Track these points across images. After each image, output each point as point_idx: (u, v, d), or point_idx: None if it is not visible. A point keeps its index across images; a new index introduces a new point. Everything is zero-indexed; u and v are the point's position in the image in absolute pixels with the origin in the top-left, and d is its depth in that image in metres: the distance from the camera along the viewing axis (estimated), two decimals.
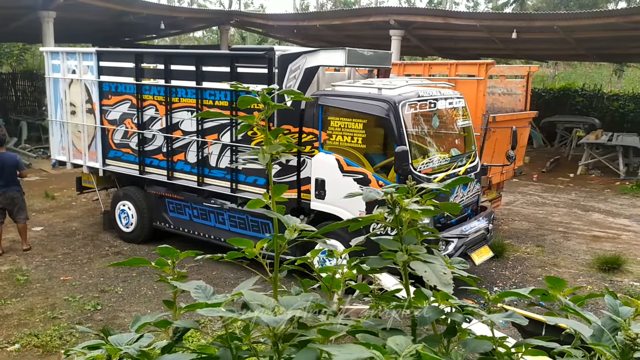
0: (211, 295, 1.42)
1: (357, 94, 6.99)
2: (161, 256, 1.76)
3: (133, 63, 8.57)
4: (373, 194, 1.27)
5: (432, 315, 1.15)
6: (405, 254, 1.20)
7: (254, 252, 1.73)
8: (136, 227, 9.11)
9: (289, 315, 1.01)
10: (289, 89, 7.04)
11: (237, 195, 7.82)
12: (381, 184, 6.75)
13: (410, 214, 1.27)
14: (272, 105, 1.65)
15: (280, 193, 1.74)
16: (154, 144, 8.60)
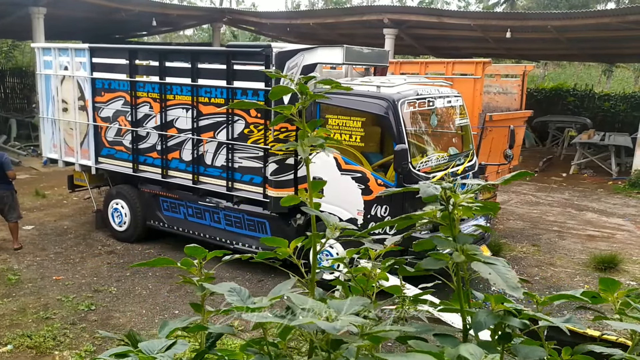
0: (247, 298, 1.33)
1: (355, 92, 6.92)
2: (188, 256, 1.67)
3: (127, 59, 8.45)
4: (431, 189, 1.20)
5: (488, 320, 1.08)
6: (461, 254, 1.12)
7: (287, 252, 1.64)
8: (129, 226, 8.99)
9: (347, 321, 0.94)
10: None
11: (233, 194, 7.73)
12: (380, 183, 6.69)
13: (463, 211, 1.20)
14: (311, 95, 1.56)
15: (318, 189, 1.65)
16: (148, 142, 8.49)
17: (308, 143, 1.54)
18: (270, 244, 1.70)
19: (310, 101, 1.60)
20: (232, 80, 7.45)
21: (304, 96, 1.57)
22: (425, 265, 1.21)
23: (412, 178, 6.48)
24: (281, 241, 1.68)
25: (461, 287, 1.19)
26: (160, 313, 6.62)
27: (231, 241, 7.94)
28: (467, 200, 1.20)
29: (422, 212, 1.24)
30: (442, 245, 1.19)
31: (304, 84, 1.57)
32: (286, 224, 7.45)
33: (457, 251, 1.13)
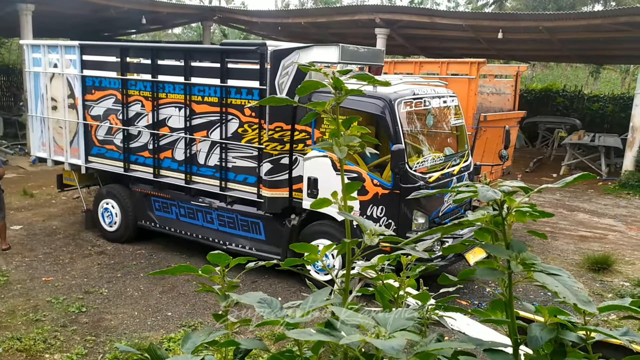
0: (279, 309, 1.24)
1: None
2: (210, 263, 1.58)
3: (118, 57, 8.32)
4: (491, 193, 1.13)
5: (544, 335, 1.02)
6: (518, 264, 1.06)
7: (316, 259, 1.56)
8: (120, 226, 8.86)
9: (403, 339, 0.86)
10: (281, 85, 6.89)
11: (227, 194, 7.63)
12: (376, 183, 6.63)
13: (516, 217, 1.13)
14: (347, 91, 1.49)
15: (352, 191, 1.57)
16: (139, 141, 8.36)
17: (344, 142, 1.46)
18: (300, 250, 1.62)
19: (345, 98, 1.52)
20: (226, 78, 7.35)
21: (339, 92, 1.49)
22: (479, 275, 1.13)
23: (409, 178, 6.43)
24: (310, 247, 1.59)
25: (512, 298, 1.12)
26: (152, 315, 6.51)
27: (224, 242, 7.84)
28: (522, 204, 1.14)
29: (475, 217, 1.16)
30: (497, 252, 1.11)
31: (338, 78, 1.49)
32: (280, 225, 7.37)
33: (514, 260, 1.06)
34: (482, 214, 1.15)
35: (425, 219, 6.61)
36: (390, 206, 6.55)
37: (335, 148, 1.44)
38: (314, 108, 1.51)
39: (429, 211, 6.69)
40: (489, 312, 1.23)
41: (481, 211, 1.17)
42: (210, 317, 6.45)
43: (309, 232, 7.22)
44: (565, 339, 1.04)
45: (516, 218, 1.14)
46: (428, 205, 6.69)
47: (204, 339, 1.26)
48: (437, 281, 1.55)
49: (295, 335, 1.00)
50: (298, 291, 7.18)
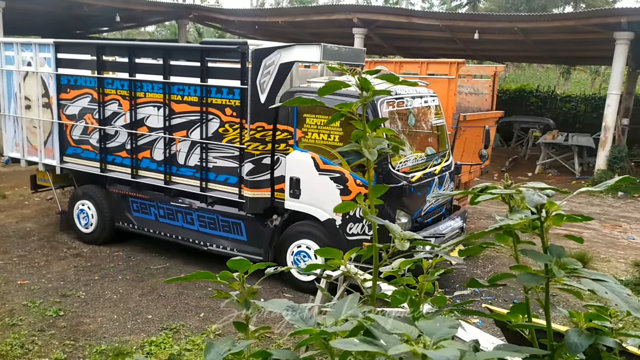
0: (308, 317, 1.20)
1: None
2: (230, 270, 1.53)
3: (94, 55, 8.15)
4: (536, 197, 1.10)
5: (583, 341, 1.00)
6: (559, 269, 1.04)
7: (339, 263, 1.53)
8: (96, 228, 8.68)
9: (456, 349, 0.83)
10: (263, 84, 6.83)
11: (207, 195, 7.54)
12: (358, 183, 6.62)
13: (553, 221, 1.11)
14: (374, 92, 1.45)
15: (378, 195, 1.54)
16: (116, 141, 8.21)
17: (372, 144, 1.43)
18: (325, 255, 1.58)
19: (371, 98, 1.49)
20: (206, 77, 7.27)
21: (366, 92, 1.46)
22: (520, 281, 1.11)
23: (392, 178, 6.44)
24: (336, 252, 1.56)
25: (548, 303, 1.11)
26: (132, 318, 6.39)
27: (205, 243, 7.76)
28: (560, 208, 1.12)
29: (514, 221, 1.13)
30: (537, 258, 1.10)
31: (365, 78, 1.45)
32: (262, 225, 7.31)
33: (556, 266, 1.04)
34: (519, 217, 1.13)
35: (408, 218, 6.63)
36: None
37: (365, 150, 1.41)
38: (340, 109, 1.47)
39: (412, 211, 6.71)
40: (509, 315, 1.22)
41: (519, 214, 1.15)
42: (191, 319, 6.37)
43: (292, 232, 7.18)
44: (601, 344, 1.03)
45: (553, 222, 1.13)
46: (411, 205, 6.70)
47: (228, 349, 1.20)
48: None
49: (341, 346, 0.96)
50: (280, 292, 7.13)
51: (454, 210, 7.93)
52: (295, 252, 7.11)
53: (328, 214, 6.80)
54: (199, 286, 7.30)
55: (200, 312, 6.56)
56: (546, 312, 1.11)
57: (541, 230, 1.12)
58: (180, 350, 5.63)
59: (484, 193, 1.22)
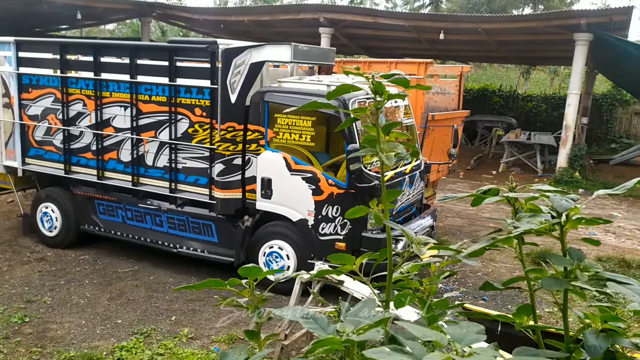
0: (327, 325, 1.17)
1: (305, 91, 6.82)
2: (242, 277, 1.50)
3: (58, 54, 7.93)
4: (564, 202, 1.11)
5: (601, 344, 1.01)
6: (582, 272, 1.05)
7: (350, 268, 1.51)
8: (61, 231, 8.45)
9: (491, 356, 0.82)
10: (233, 84, 6.77)
11: (177, 196, 7.43)
12: (330, 183, 6.63)
13: (571, 224, 1.12)
14: (388, 95, 1.44)
15: (392, 199, 1.52)
16: (81, 142, 8.01)
17: (388, 149, 1.42)
18: (337, 261, 1.56)
19: (384, 103, 1.48)
20: (175, 77, 7.16)
21: (381, 96, 1.45)
22: (545, 285, 1.12)
23: (364, 178, 6.47)
24: (347, 257, 1.54)
25: (567, 306, 1.12)
26: (101, 323, 6.25)
27: (174, 245, 7.64)
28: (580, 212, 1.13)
29: (536, 225, 1.14)
30: (559, 262, 1.10)
31: (380, 82, 1.44)
32: (233, 226, 7.25)
33: (577, 269, 1.05)
34: (540, 221, 1.14)
35: None
36: (345, 205, 6.55)
37: (382, 155, 1.40)
38: (354, 113, 1.46)
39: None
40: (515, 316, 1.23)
41: (539, 218, 1.16)
42: (163, 322, 6.27)
43: (263, 233, 7.14)
44: (619, 346, 1.05)
45: (571, 225, 1.14)
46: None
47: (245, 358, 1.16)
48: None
49: (375, 355, 0.94)
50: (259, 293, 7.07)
51: (424, 209, 8.02)
52: (267, 252, 7.07)
53: (300, 214, 6.79)
54: (169, 289, 7.19)
55: (171, 316, 6.46)
56: (564, 316, 1.12)
57: (561, 234, 1.13)
58: (152, 354, 5.53)
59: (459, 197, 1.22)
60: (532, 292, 1.20)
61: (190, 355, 5.50)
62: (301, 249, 6.87)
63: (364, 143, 1.49)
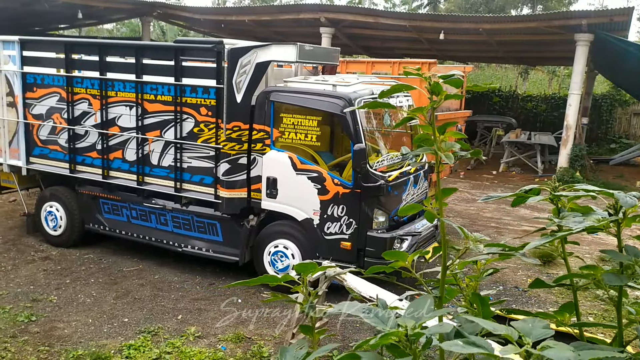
0: (387, 319, 1.19)
1: (311, 91, 6.86)
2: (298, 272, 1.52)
3: (63, 53, 7.95)
4: (630, 200, 1.14)
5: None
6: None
7: (401, 265, 1.54)
8: (65, 230, 8.48)
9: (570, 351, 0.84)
10: (239, 84, 6.80)
11: (182, 195, 7.46)
12: (336, 182, 6.66)
13: (626, 222, 1.15)
14: (446, 95, 1.47)
15: (447, 196, 1.56)
16: (86, 141, 8.03)
17: (446, 148, 1.44)
18: (389, 257, 1.59)
19: (440, 103, 1.51)
20: (181, 77, 7.19)
21: (436, 96, 1.48)
22: (608, 281, 1.15)
23: (370, 177, 6.50)
24: (400, 254, 1.57)
25: (621, 303, 1.15)
26: (108, 322, 6.27)
27: (179, 244, 7.67)
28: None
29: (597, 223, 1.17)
30: (617, 257, 1.14)
31: (437, 82, 1.48)
32: (238, 225, 7.28)
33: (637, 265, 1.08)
34: (597, 219, 1.17)
35: (385, 217, 6.70)
36: (351, 205, 6.60)
37: (441, 154, 1.43)
38: (411, 113, 1.49)
39: (389, 209, 6.78)
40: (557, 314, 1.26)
41: (595, 216, 1.20)
42: (169, 321, 6.29)
43: (268, 232, 7.17)
44: None
45: (627, 223, 1.17)
46: (388, 204, 6.78)
47: (304, 355, 1.17)
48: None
49: (451, 348, 0.96)
50: (257, 292, 7.10)
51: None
52: (273, 252, 7.10)
53: (306, 214, 6.82)
54: (174, 288, 7.22)
55: (177, 314, 6.48)
56: (618, 313, 1.15)
57: (618, 231, 1.17)
58: (160, 353, 5.55)
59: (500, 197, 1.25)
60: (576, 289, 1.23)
61: (198, 354, 5.53)
62: (306, 248, 6.90)
63: (416, 142, 1.52)
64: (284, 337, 5.64)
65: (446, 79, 1.54)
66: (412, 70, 1.63)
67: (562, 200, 1.25)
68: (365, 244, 6.60)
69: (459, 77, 1.54)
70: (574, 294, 1.34)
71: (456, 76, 1.52)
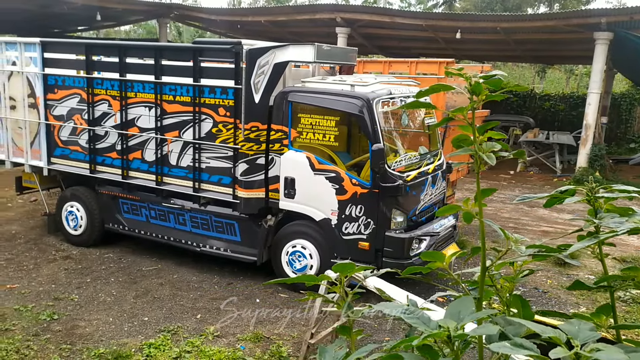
0: (428, 319, 1.20)
1: (329, 91, 6.87)
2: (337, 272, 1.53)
3: (83, 55, 8.05)
4: None
5: None
6: None
7: (439, 266, 1.55)
8: (86, 230, 8.58)
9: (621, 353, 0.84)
10: (257, 84, 6.83)
11: (201, 195, 7.51)
12: (354, 182, 6.66)
13: None
14: (488, 95, 1.47)
15: (486, 196, 1.56)
16: (106, 142, 8.12)
17: (488, 148, 1.45)
18: (427, 258, 1.59)
19: (480, 103, 1.51)
20: (199, 77, 7.24)
21: (476, 97, 1.48)
22: None
23: (388, 177, 6.49)
24: (438, 254, 1.58)
25: None
26: (128, 320, 6.34)
27: (197, 244, 7.72)
28: None
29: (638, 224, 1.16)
30: None
31: (478, 82, 1.48)
32: (257, 225, 7.31)
33: None
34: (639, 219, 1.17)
35: (403, 217, 6.69)
36: (369, 205, 6.60)
37: (483, 155, 1.43)
38: (452, 114, 1.49)
39: (407, 210, 6.77)
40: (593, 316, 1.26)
41: (637, 217, 1.19)
42: (188, 320, 6.34)
43: (286, 232, 7.19)
44: None
45: None
46: (406, 204, 6.77)
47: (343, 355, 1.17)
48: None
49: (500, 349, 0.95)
50: (275, 292, 7.12)
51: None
52: (290, 252, 7.12)
53: (324, 214, 6.83)
54: (193, 287, 7.27)
55: (196, 314, 6.53)
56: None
57: None
58: (180, 352, 5.60)
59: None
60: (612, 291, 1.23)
61: (217, 353, 5.56)
62: (324, 248, 6.92)
63: (455, 143, 1.52)
64: (302, 337, 5.66)
65: (488, 79, 1.52)
66: (454, 70, 1.62)
67: (599, 202, 1.24)
68: (383, 244, 6.60)
69: (500, 77, 1.52)
70: (611, 296, 1.33)
71: (497, 76, 1.51)
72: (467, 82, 1.51)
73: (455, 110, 1.54)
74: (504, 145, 1.56)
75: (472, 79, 1.51)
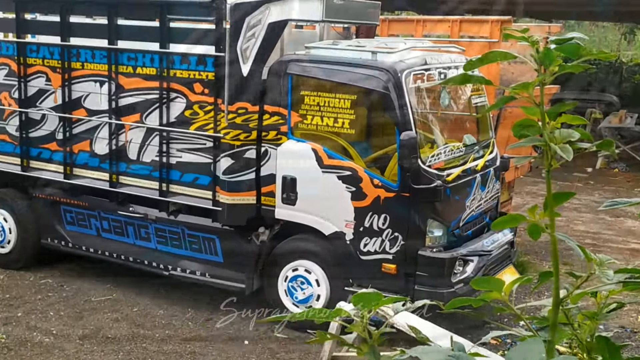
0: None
1: (342, 60, 6.87)
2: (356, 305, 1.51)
3: (12, 12, 8.11)
4: None
5: None
6: None
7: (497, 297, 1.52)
8: (15, 247, 8.65)
9: None
10: (246, 51, 6.84)
11: (169, 200, 7.53)
12: (377, 184, 6.65)
13: None
14: (562, 67, 1.44)
15: (561, 202, 1.53)
16: (44, 128, 8.19)
17: (562, 138, 1.42)
18: (480, 287, 1.57)
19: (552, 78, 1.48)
20: (168, 42, 7.26)
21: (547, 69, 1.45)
22: None
23: (422, 177, 6.48)
24: (494, 282, 1.55)
25: None
26: None
27: (165, 266, 7.75)
28: None
29: None
30: None
31: (549, 49, 1.44)
32: (245, 241, 7.32)
33: None
34: None
35: (443, 230, 6.68)
36: (396, 214, 6.59)
37: (554, 146, 1.40)
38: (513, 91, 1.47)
39: (448, 220, 6.76)
40: None
41: None
42: None
43: (284, 250, 7.21)
44: None
45: None
46: (446, 213, 6.76)
47: None
48: None
49: None
50: (269, 331, 7.11)
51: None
52: (290, 277, 7.13)
53: (335, 226, 6.83)
54: (159, 325, 7.31)
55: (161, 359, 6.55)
56: None
57: None
58: None
59: None
60: None
61: None
62: (335, 272, 6.92)
63: (516, 131, 1.50)
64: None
65: (561, 44, 1.47)
66: (515, 32, 1.59)
67: None
68: (415, 266, 6.59)
69: (578, 41, 1.48)
70: None
71: (575, 40, 1.47)
72: (534, 49, 1.47)
73: (518, 86, 1.51)
74: (585, 134, 1.53)
75: (540, 44, 1.48)
